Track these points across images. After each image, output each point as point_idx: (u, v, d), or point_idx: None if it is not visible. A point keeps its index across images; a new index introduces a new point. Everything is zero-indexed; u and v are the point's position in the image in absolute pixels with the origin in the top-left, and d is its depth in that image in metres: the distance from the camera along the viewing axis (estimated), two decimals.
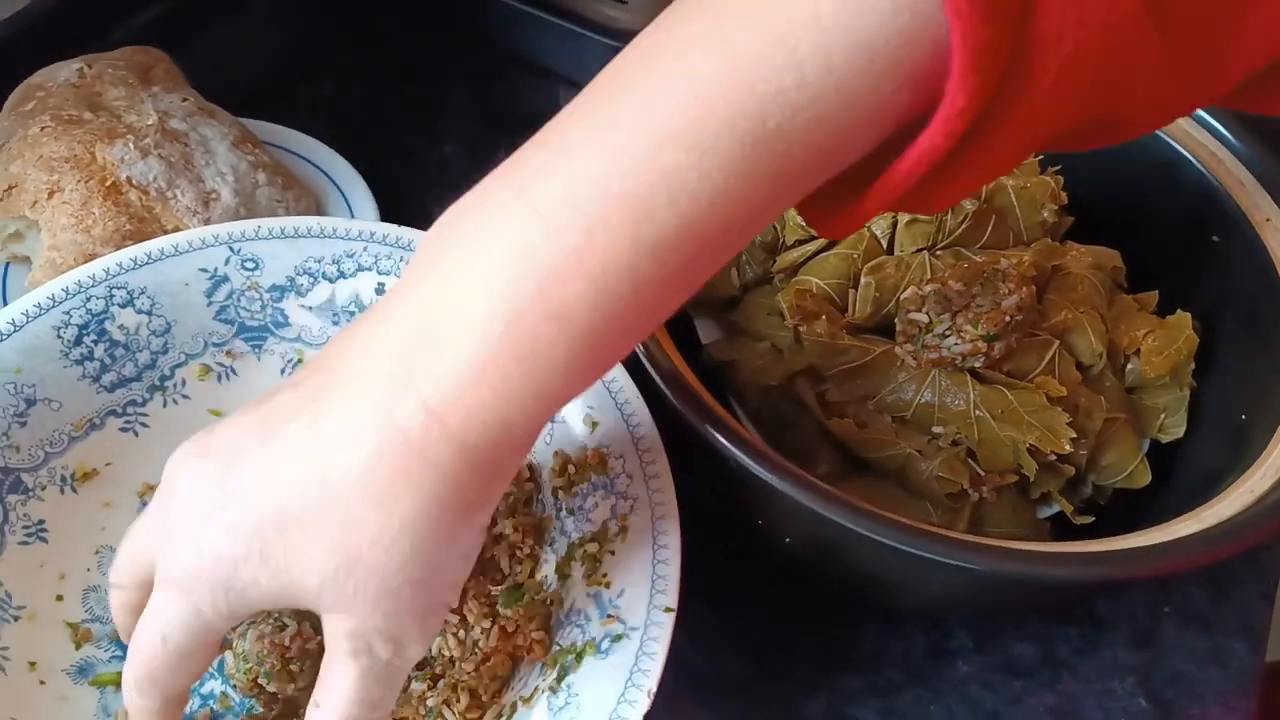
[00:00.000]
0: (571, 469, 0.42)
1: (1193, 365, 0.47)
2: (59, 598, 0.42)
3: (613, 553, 0.39)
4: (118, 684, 0.41)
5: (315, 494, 0.28)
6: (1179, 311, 0.48)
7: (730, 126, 0.24)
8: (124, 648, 0.42)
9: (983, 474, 0.43)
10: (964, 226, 0.46)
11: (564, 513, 0.42)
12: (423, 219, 0.61)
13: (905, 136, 0.25)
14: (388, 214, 0.58)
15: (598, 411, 0.42)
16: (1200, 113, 0.50)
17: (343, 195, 0.59)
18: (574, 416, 0.43)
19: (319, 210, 0.57)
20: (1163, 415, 0.48)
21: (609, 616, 0.38)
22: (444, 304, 0.27)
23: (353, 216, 0.58)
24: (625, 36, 0.55)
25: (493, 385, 0.26)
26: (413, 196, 0.63)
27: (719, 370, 0.49)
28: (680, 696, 0.45)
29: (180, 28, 0.68)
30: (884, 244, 0.47)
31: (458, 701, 0.39)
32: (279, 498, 0.28)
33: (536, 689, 0.38)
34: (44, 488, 0.43)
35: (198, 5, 0.70)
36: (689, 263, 0.26)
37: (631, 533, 0.39)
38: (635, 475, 0.41)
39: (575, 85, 0.47)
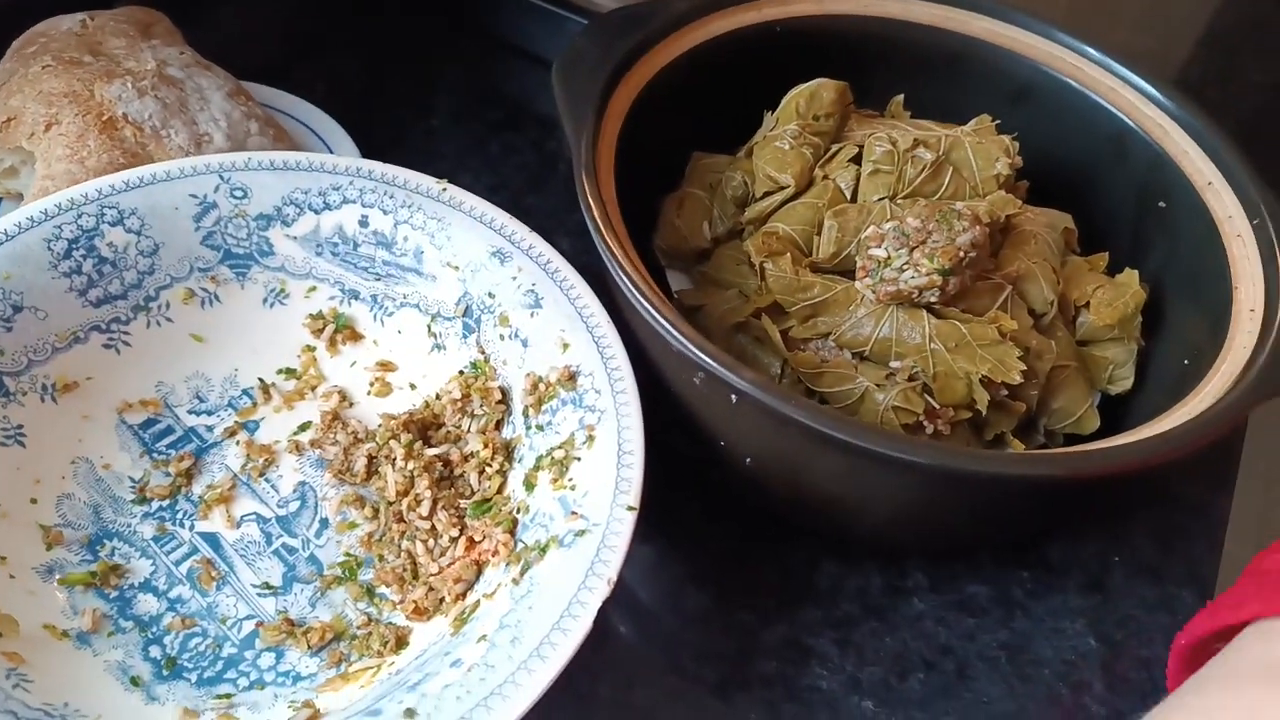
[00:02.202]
0: (542, 387, 0.44)
1: (1139, 319, 0.50)
2: (33, 500, 0.43)
3: (579, 459, 0.41)
4: (85, 583, 0.42)
5: None
6: (1126, 269, 0.51)
7: None
8: (93, 552, 0.43)
9: (938, 407, 0.45)
10: (922, 177, 0.49)
11: (533, 430, 0.44)
12: None
13: None
14: None
15: (569, 334, 0.44)
16: (1148, 86, 0.53)
17: (331, 153, 0.60)
18: (547, 340, 0.45)
19: None
20: (1112, 366, 0.50)
21: (573, 514, 0.39)
22: None
23: None
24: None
25: None
26: (400, 161, 0.65)
27: (688, 316, 0.51)
28: (640, 624, 0.46)
29: (183, 3, 0.71)
30: (848, 194, 0.50)
31: (413, 590, 0.40)
32: None
33: (500, 585, 0.39)
34: (25, 393, 0.44)
35: None
36: None
37: (598, 442, 0.41)
38: (604, 390, 0.42)
39: None
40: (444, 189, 0.48)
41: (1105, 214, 0.54)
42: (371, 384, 0.49)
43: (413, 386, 0.49)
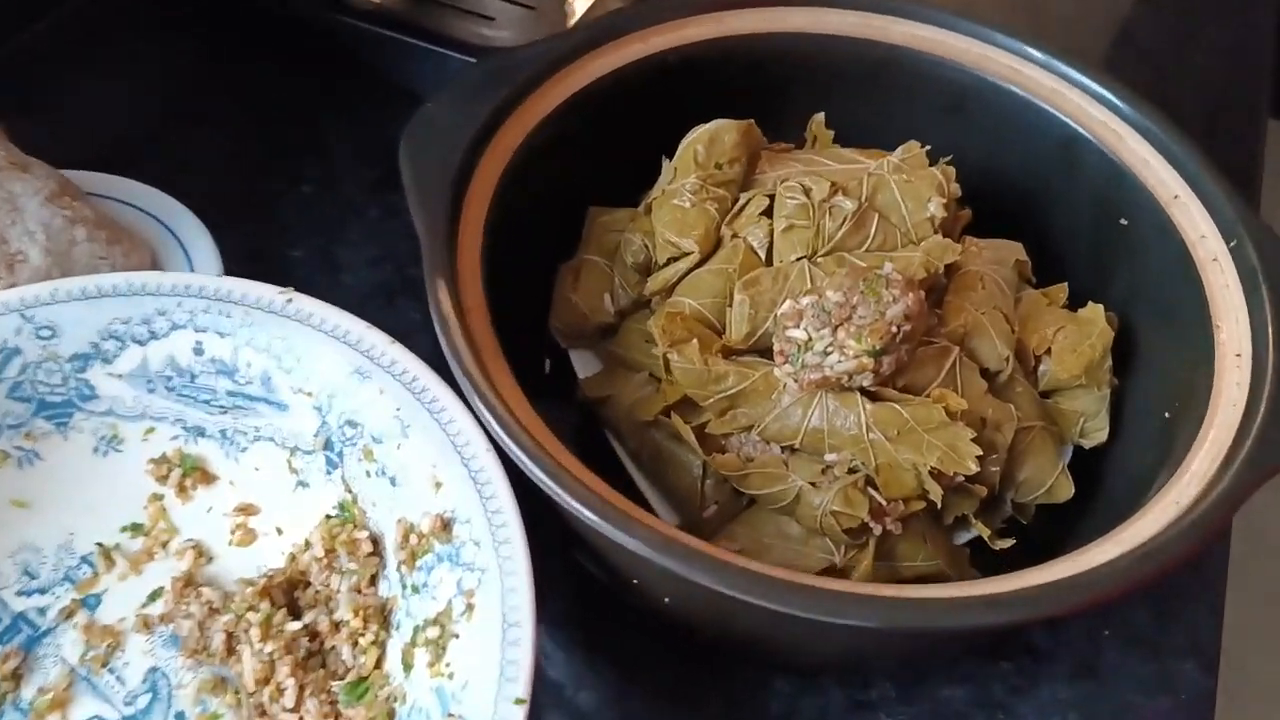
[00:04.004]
0: (414, 539, 0.37)
1: (1109, 361, 0.43)
2: None
3: (457, 636, 0.34)
4: None
5: None
6: (1090, 304, 0.44)
7: None
8: None
9: (885, 503, 0.38)
10: (844, 230, 0.42)
11: (408, 590, 0.37)
12: (281, 266, 0.57)
13: None
14: (244, 265, 0.52)
15: (441, 469, 0.37)
16: (1097, 86, 0.46)
17: (183, 248, 0.53)
18: (418, 478, 0.38)
19: (154, 266, 0.52)
20: (1082, 419, 0.43)
21: (450, 715, 0.32)
22: None
23: (192, 270, 0.52)
24: (492, 55, 0.50)
25: None
26: (271, 245, 0.58)
27: (596, 408, 0.44)
28: None
29: (20, 81, 0.63)
30: (761, 255, 0.43)
31: None
32: None
33: None
34: None
35: (40, 59, 0.65)
36: None
37: (479, 611, 0.34)
38: (484, 542, 0.35)
39: None
40: (289, 300, 0.41)
41: (1060, 236, 0.48)
42: (233, 531, 0.42)
43: (279, 531, 0.42)
